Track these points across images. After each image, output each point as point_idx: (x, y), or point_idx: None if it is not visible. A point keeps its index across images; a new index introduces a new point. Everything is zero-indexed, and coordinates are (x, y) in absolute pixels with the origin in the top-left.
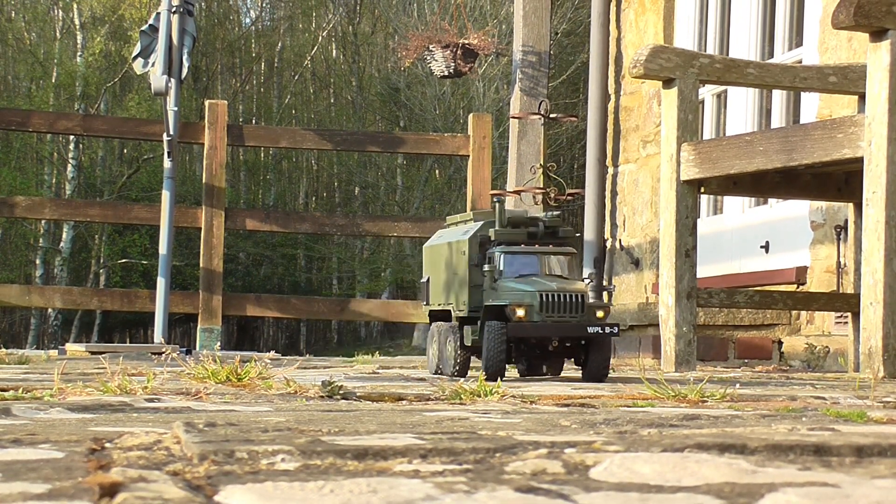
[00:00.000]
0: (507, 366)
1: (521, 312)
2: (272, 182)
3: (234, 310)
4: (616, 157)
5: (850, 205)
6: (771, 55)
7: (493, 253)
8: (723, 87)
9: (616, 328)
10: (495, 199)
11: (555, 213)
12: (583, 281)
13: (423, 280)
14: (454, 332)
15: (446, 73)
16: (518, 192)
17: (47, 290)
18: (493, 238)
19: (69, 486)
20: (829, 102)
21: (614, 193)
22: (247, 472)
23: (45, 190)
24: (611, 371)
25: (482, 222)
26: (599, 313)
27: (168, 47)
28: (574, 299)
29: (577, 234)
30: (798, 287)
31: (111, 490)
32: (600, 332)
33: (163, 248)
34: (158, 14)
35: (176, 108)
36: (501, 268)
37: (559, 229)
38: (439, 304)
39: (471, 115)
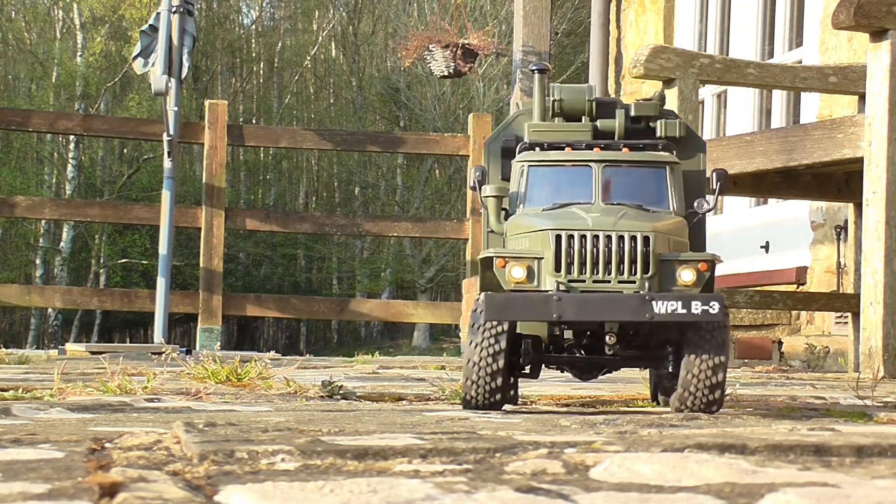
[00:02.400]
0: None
1: (518, 273)
2: (272, 182)
3: (234, 310)
4: None
5: (850, 205)
6: (771, 55)
7: (516, 167)
8: (723, 87)
9: (716, 305)
10: (533, 68)
11: (658, 93)
12: (680, 216)
13: None
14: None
15: (446, 73)
16: None
17: (47, 290)
18: (526, 138)
19: (69, 485)
20: (829, 102)
21: None
22: (247, 472)
23: (45, 190)
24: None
25: (523, 112)
26: (686, 275)
27: (168, 47)
28: (627, 247)
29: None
30: (798, 287)
31: (111, 490)
32: (679, 311)
33: (163, 248)
34: (158, 14)
35: (176, 108)
36: (523, 190)
37: (657, 122)
38: None
39: (471, 115)
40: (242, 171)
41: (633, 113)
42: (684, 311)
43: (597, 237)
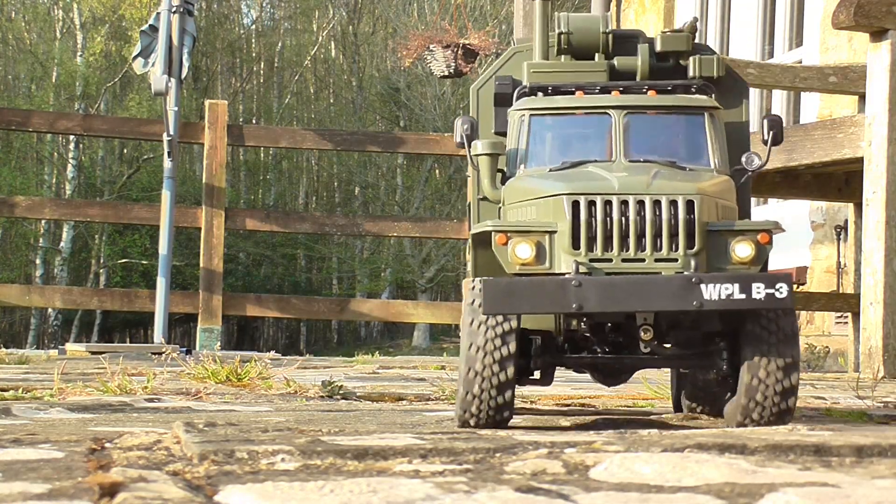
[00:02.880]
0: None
1: (524, 252)
2: (272, 182)
3: (234, 310)
4: None
5: (850, 205)
6: (771, 55)
7: (514, 117)
8: None
9: (783, 287)
10: None
11: (689, 23)
12: (724, 174)
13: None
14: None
15: (446, 73)
16: None
17: (47, 290)
18: (525, 81)
19: (69, 486)
20: (829, 102)
21: None
22: (247, 472)
23: (45, 190)
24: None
25: (520, 49)
26: (742, 249)
27: (168, 47)
28: (665, 215)
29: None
30: (798, 287)
31: (111, 490)
32: (736, 296)
33: (163, 248)
34: (158, 14)
35: (176, 108)
36: (524, 146)
37: (689, 59)
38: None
39: None
40: (242, 171)
41: (658, 48)
42: (743, 295)
43: (625, 203)
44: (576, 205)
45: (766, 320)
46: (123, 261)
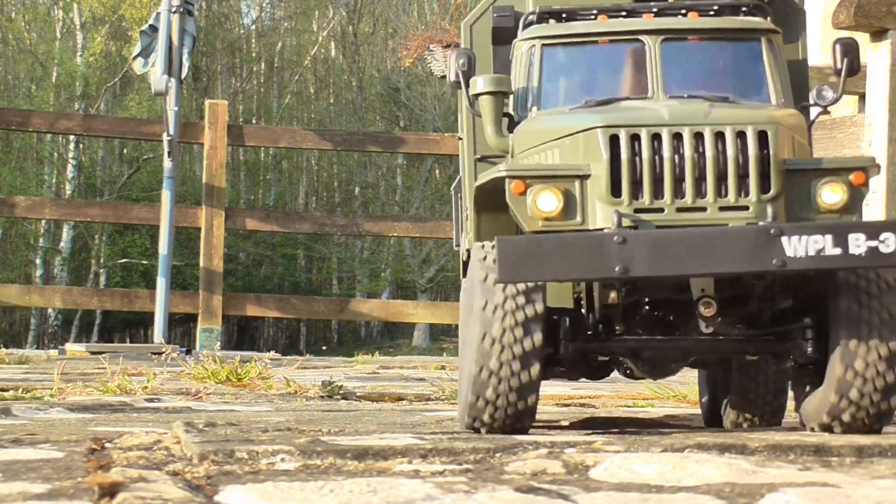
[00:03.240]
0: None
1: (548, 202)
2: (272, 182)
3: (234, 310)
4: None
5: None
6: None
7: (521, 48)
8: None
9: (891, 238)
10: None
11: None
12: (789, 107)
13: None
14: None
15: (447, 73)
16: None
17: (47, 290)
18: (530, 7)
19: (69, 486)
20: None
21: None
22: (247, 472)
23: (45, 190)
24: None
25: None
26: (829, 193)
27: (168, 47)
28: (731, 151)
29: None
30: None
31: (111, 490)
32: (828, 252)
33: (163, 248)
34: (158, 14)
35: (176, 108)
36: (536, 83)
37: None
38: None
39: None
40: (242, 171)
41: None
42: (837, 250)
43: (678, 137)
44: (615, 140)
45: (867, 296)
46: (123, 261)
